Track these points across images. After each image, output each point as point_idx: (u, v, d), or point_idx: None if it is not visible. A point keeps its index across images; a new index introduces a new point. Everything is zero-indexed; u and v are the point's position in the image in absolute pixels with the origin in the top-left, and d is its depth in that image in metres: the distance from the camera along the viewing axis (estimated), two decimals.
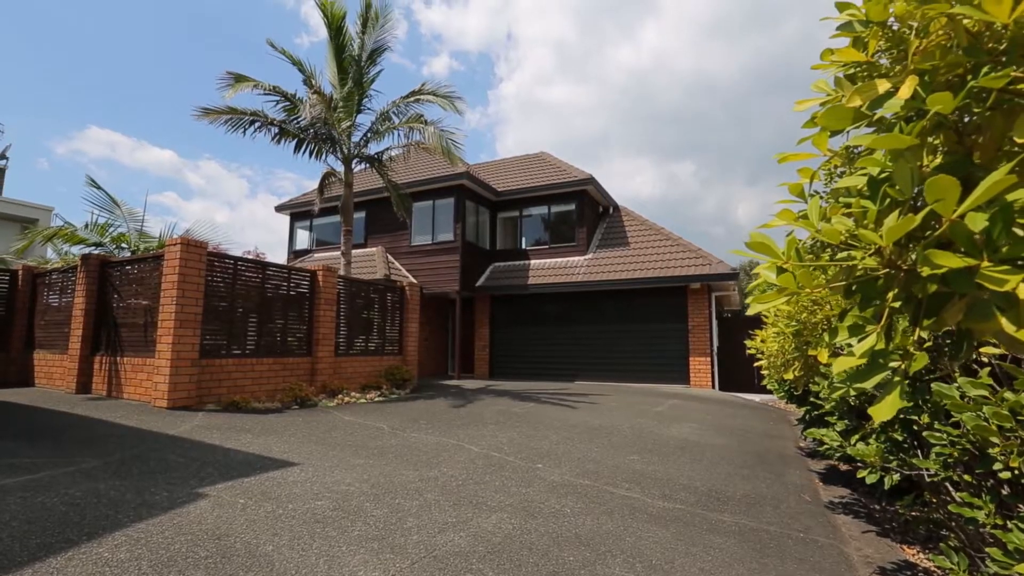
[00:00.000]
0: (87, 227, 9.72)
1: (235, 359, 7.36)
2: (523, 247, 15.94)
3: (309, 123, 10.41)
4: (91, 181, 9.65)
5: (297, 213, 18.13)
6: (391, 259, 15.55)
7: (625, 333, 13.76)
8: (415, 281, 14.09)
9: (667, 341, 13.23)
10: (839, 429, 3.33)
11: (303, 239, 18.28)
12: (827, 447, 3.42)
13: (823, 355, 1.66)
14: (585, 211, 15.18)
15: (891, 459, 2.59)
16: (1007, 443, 1.79)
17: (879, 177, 0.83)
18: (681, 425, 7.05)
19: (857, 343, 0.83)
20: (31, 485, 3.29)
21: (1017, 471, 1.83)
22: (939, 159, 0.83)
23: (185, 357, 6.61)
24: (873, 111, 0.81)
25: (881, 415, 0.76)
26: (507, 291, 14.90)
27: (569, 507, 3.51)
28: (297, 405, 7.50)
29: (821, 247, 2.30)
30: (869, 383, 0.80)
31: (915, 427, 2.51)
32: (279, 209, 18.53)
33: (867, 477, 2.66)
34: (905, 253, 0.79)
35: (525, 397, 9.42)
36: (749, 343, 4.74)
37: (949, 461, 2.19)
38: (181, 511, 3.01)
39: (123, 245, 9.96)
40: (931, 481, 2.46)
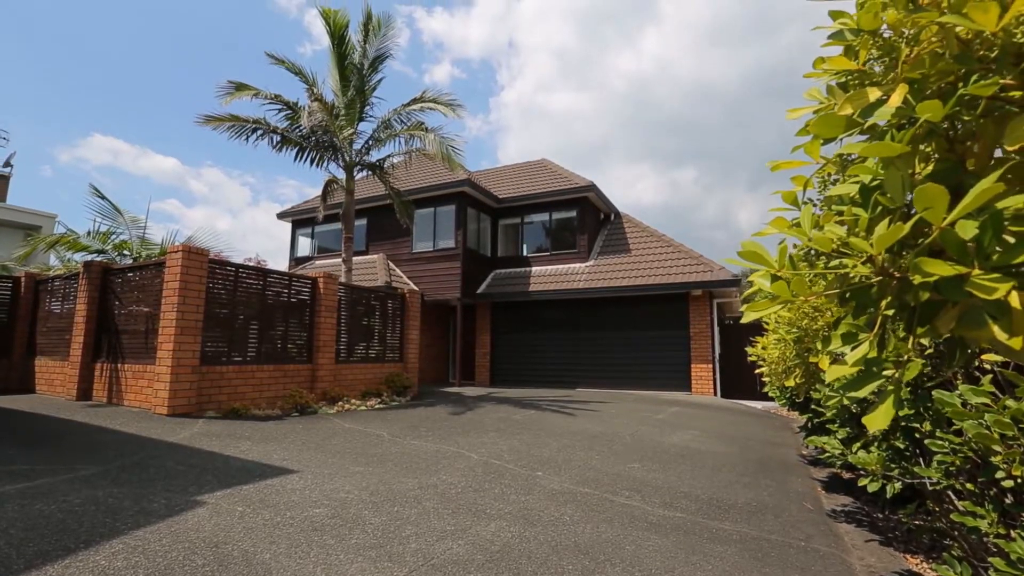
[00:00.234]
0: (89, 234, 9.76)
1: (236, 366, 7.36)
2: (524, 254, 15.96)
3: (310, 130, 10.47)
4: (94, 190, 9.70)
5: (299, 220, 18.19)
6: (392, 266, 15.57)
7: (627, 340, 13.74)
8: (416, 288, 14.10)
9: (669, 348, 13.20)
10: (840, 437, 3.31)
11: (305, 246, 18.33)
12: (829, 455, 3.40)
13: (824, 362, 1.65)
14: (586, 218, 15.20)
15: (893, 467, 2.57)
16: (1009, 451, 1.78)
17: (871, 185, 0.83)
18: (682, 432, 7.01)
19: (850, 351, 0.82)
20: (29, 492, 3.28)
21: (1020, 480, 1.82)
22: (931, 166, 0.83)
23: (186, 364, 6.61)
24: (864, 119, 0.81)
25: (875, 424, 0.76)
26: (508, 298, 14.89)
27: (569, 515, 3.49)
28: (297, 412, 7.49)
29: (816, 255, 2.30)
30: (862, 392, 0.79)
31: (917, 435, 2.50)
32: (281, 216, 18.59)
33: (869, 486, 2.64)
34: (898, 261, 0.79)
35: (526, 404, 9.39)
36: (750, 350, 4.73)
37: (951, 469, 2.17)
38: (179, 519, 2.99)
39: (125, 252, 10.00)
40: (933, 490, 2.44)
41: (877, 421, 0.75)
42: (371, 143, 11.39)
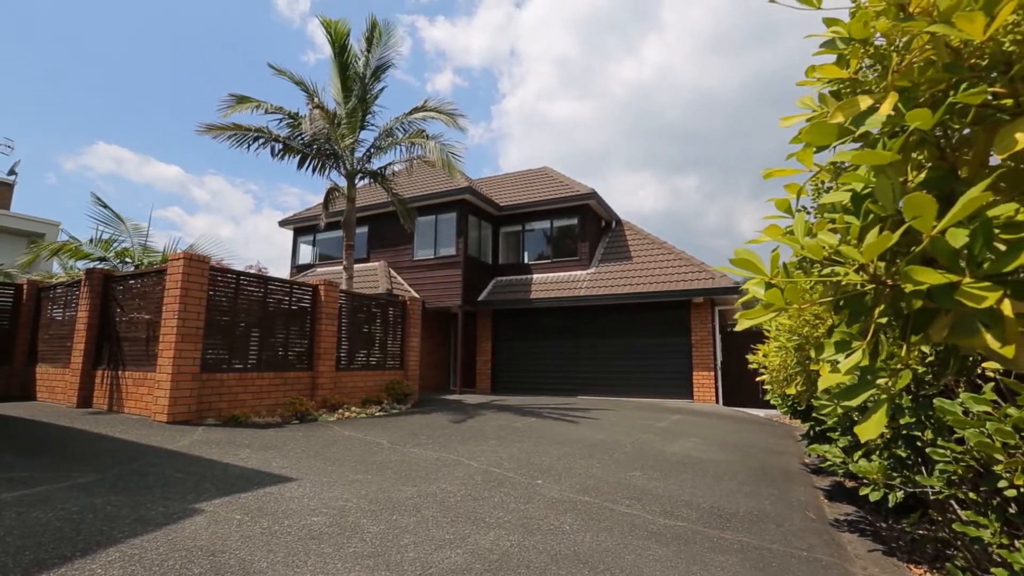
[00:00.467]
0: (92, 242, 9.80)
1: (236, 373, 7.35)
2: (525, 261, 15.97)
3: (312, 138, 10.52)
4: (96, 198, 9.75)
5: (300, 228, 18.25)
6: (393, 273, 15.59)
7: (628, 347, 13.70)
8: (417, 295, 14.10)
9: (670, 356, 13.16)
10: (841, 445, 3.29)
11: (306, 254, 18.38)
12: (830, 463, 3.38)
13: (824, 370, 1.65)
14: (587, 225, 15.22)
15: (894, 476, 2.55)
16: (1011, 460, 1.76)
17: (863, 193, 0.83)
18: (684, 441, 6.97)
19: (844, 359, 0.82)
20: (27, 500, 3.27)
21: (1023, 489, 1.80)
22: (923, 174, 0.83)
23: (186, 371, 6.61)
24: (856, 127, 0.81)
25: (867, 434, 0.75)
26: (509, 305, 14.88)
27: (569, 524, 3.46)
28: (297, 420, 7.47)
29: (810, 263, 2.30)
30: (856, 400, 0.79)
31: (918, 443, 2.48)
32: (283, 224, 18.66)
33: (870, 495, 2.61)
34: (892, 268, 0.79)
35: (526, 412, 9.35)
36: (751, 357, 4.71)
37: (953, 478, 2.15)
38: (176, 527, 2.98)
39: (127, 260, 10.03)
40: (936, 499, 2.42)
41: (869, 430, 0.75)
42: (373, 151, 11.45)
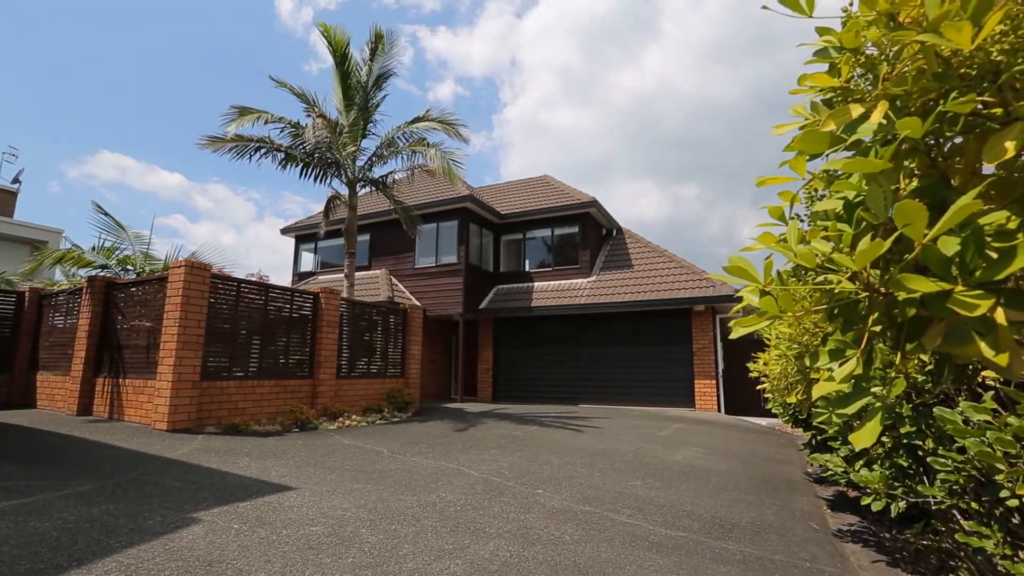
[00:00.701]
0: (94, 250, 9.84)
1: (236, 381, 7.34)
2: (527, 269, 15.98)
3: (314, 147, 10.58)
4: (97, 207, 9.81)
5: (302, 236, 18.30)
6: (395, 281, 15.60)
7: (629, 356, 13.67)
8: (418, 303, 14.11)
9: (672, 364, 13.12)
10: (843, 455, 3.26)
11: (308, 261, 18.42)
12: (831, 473, 3.35)
13: (823, 378, 1.64)
14: (588, 233, 15.24)
15: (896, 486, 2.53)
16: (1012, 470, 1.74)
17: (855, 200, 0.83)
18: (685, 450, 6.93)
19: (838, 367, 0.82)
20: (24, 509, 3.26)
21: None
22: (915, 183, 0.83)
23: (186, 379, 6.60)
24: (848, 135, 0.82)
25: (861, 442, 0.75)
26: (511, 313, 14.87)
27: (569, 534, 3.43)
28: (297, 428, 7.45)
29: (804, 271, 2.29)
30: (850, 409, 0.78)
31: (919, 452, 2.46)
32: (285, 232, 18.72)
33: (872, 505, 2.59)
34: (885, 276, 0.79)
35: (527, 420, 9.31)
36: (752, 366, 4.69)
37: (955, 488, 2.13)
38: (174, 536, 2.96)
39: (129, 267, 10.06)
40: (938, 509, 2.40)
41: (863, 439, 0.74)
42: (374, 159, 11.50)
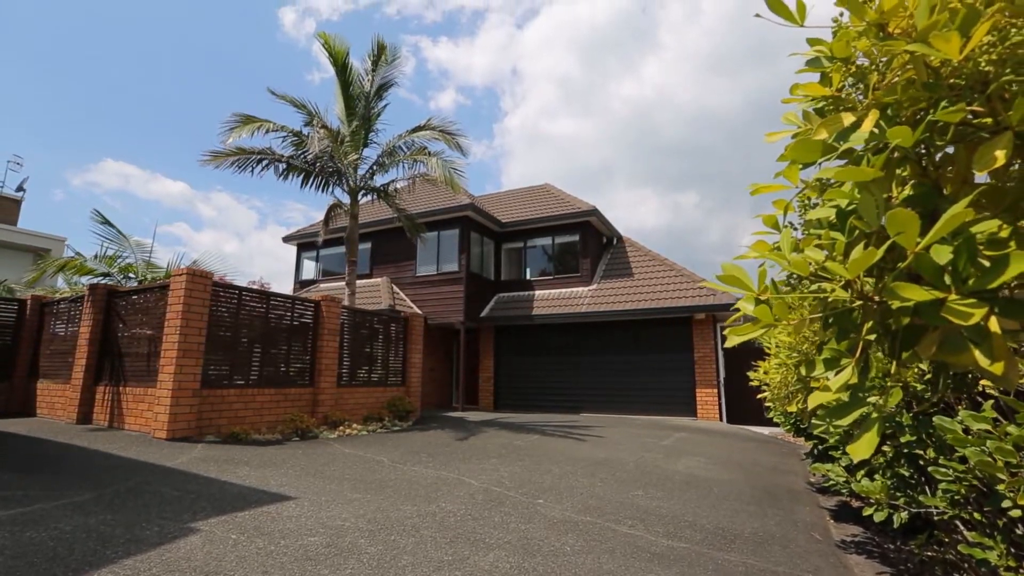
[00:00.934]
0: (96, 258, 9.87)
1: (237, 389, 7.33)
2: (527, 278, 15.99)
3: (316, 156, 10.63)
4: (99, 215, 9.84)
5: (304, 244, 18.36)
6: (396, 289, 15.61)
7: (630, 364, 13.63)
8: (419, 312, 14.11)
9: (673, 372, 13.07)
10: (844, 464, 3.24)
11: (309, 269, 18.45)
12: (833, 482, 3.32)
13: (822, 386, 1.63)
14: (589, 242, 15.26)
15: (898, 496, 2.51)
16: (1013, 480, 1.73)
17: (847, 209, 0.83)
18: (687, 459, 6.89)
19: (833, 376, 0.81)
20: (21, 519, 3.24)
21: None
22: (908, 191, 0.83)
23: (186, 387, 6.59)
24: (839, 143, 0.82)
25: (859, 454, 0.74)
26: (511, 321, 14.86)
27: (569, 545, 3.40)
28: (298, 437, 7.42)
29: (799, 279, 2.29)
30: (846, 420, 0.78)
31: (921, 462, 2.44)
32: (286, 240, 18.78)
33: (874, 515, 2.57)
34: (879, 285, 0.78)
35: (529, 429, 9.27)
36: (752, 375, 4.67)
37: (957, 498, 2.11)
38: (171, 547, 2.94)
39: (131, 275, 10.08)
40: (941, 519, 2.37)
41: (861, 450, 0.74)
42: (375, 168, 11.55)
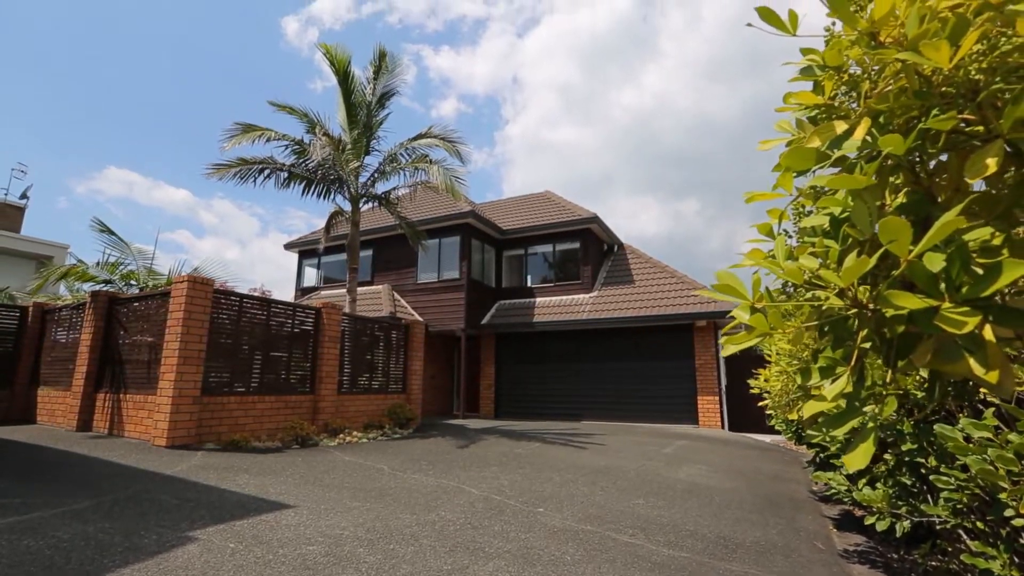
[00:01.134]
0: (98, 265, 9.89)
1: (237, 396, 7.32)
2: (528, 285, 15.99)
3: (317, 164, 10.68)
4: (99, 224, 9.87)
5: (305, 251, 18.39)
6: (397, 297, 15.62)
7: (632, 372, 13.59)
8: (420, 319, 14.10)
9: (674, 380, 13.02)
10: (845, 472, 3.22)
11: (311, 276, 18.48)
12: (834, 491, 3.30)
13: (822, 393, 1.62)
14: (589, 249, 15.27)
15: (900, 505, 2.48)
16: (1015, 488, 1.71)
17: (841, 217, 0.83)
18: (689, 467, 6.85)
19: (829, 385, 0.81)
20: (19, 527, 3.23)
21: None
22: (901, 198, 0.83)
23: (187, 395, 6.58)
24: (832, 151, 0.82)
25: (854, 464, 0.73)
26: (512, 329, 14.84)
27: (570, 554, 3.38)
28: (298, 444, 7.40)
29: (794, 287, 2.29)
30: (842, 429, 0.77)
31: (923, 470, 2.42)
32: (288, 247, 18.82)
33: (877, 524, 2.54)
34: (874, 292, 0.78)
35: (529, 437, 9.23)
36: (752, 382, 4.66)
37: (959, 507, 2.09)
38: (168, 555, 2.93)
39: (132, 283, 10.10)
40: (943, 528, 2.35)
41: (856, 461, 0.73)
42: (377, 176, 11.60)
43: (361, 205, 11.52)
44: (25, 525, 3.27)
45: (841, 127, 0.81)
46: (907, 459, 2.39)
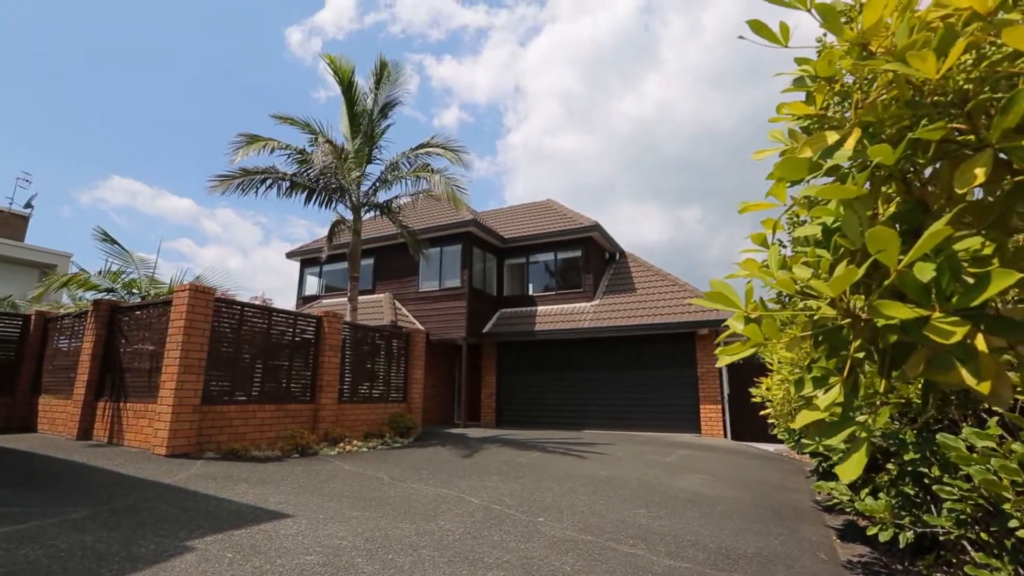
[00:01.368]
0: (101, 273, 9.93)
1: (237, 405, 7.30)
2: (530, 293, 15.98)
3: (320, 173, 10.74)
4: (102, 233, 9.93)
5: (307, 259, 18.44)
6: (398, 305, 15.62)
7: (634, 380, 13.53)
8: (421, 327, 14.09)
9: (676, 388, 12.97)
10: (847, 482, 3.19)
11: (312, 285, 18.51)
12: (837, 501, 3.27)
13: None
14: (591, 257, 15.27)
15: (903, 515, 2.46)
16: (1019, 499, 1.70)
17: (832, 226, 0.83)
18: (691, 476, 6.80)
19: (822, 395, 0.80)
20: (17, 536, 3.22)
21: None
22: (892, 208, 0.83)
23: (187, 403, 6.57)
24: (824, 161, 0.82)
25: (847, 475, 0.73)
26: (514, 337, 14.82)
27: (569, 565, 3.35)
28: (298, 453, 7.37)
29: (787, 297, 2.28)
30: (835, 439, 0.76)
31: (926, 480, 2.40)
32: (290, 256, 18.87)
33: (880, 535, 2.52)
34: (867, 302, 0.78)
35: (530, 446, 9.19)
36: (754, 391, 4.63)
37: (963, 518, 2.07)
38: (166, 565, 2.91)
39: (134, 291, 10.14)
40: (947, 539, 2.33)
41: (848, 472, 0.72)
42: (379, 184, 11.66)
43: (363, 214, 11.57)
44: (23, 534, 3.26)
45: (832, 137, 0.81)
46: (910, 469, 2.37)
